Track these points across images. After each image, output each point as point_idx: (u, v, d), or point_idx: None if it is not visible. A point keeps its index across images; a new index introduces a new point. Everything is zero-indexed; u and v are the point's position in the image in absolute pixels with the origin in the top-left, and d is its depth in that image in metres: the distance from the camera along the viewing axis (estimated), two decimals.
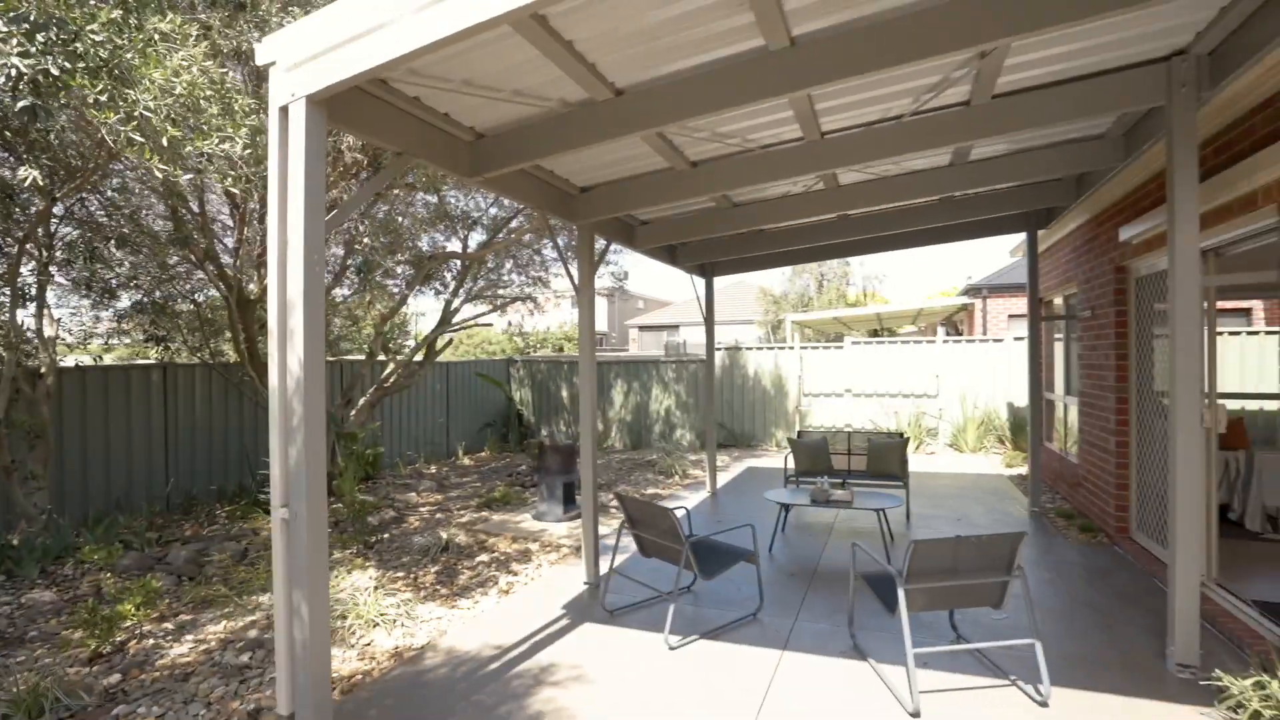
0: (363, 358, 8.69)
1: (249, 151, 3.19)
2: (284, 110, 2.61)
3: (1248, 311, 11.40)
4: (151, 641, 4.07)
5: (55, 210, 5.03)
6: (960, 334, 16.18)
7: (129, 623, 4.24)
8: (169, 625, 4.31)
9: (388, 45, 2.34)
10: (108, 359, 7.66)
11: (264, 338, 7.32)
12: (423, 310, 10.49)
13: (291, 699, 2.61)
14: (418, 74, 2.95)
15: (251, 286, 6.42)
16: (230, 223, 6.80)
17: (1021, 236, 7.45)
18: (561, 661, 3.62)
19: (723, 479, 8.72)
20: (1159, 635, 3.66)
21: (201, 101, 3.12)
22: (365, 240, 7.05)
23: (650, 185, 4.70)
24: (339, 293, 7.86)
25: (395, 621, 4.21)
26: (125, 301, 6.58)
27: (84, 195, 5.06)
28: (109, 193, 5.29)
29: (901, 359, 10.71)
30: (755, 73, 3.02)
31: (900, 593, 3.11)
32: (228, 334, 7.49)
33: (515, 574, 5.13)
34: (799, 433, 7.17)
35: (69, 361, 7.00)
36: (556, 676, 3.45)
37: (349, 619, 4.15)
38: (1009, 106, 3.68)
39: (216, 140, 3.03)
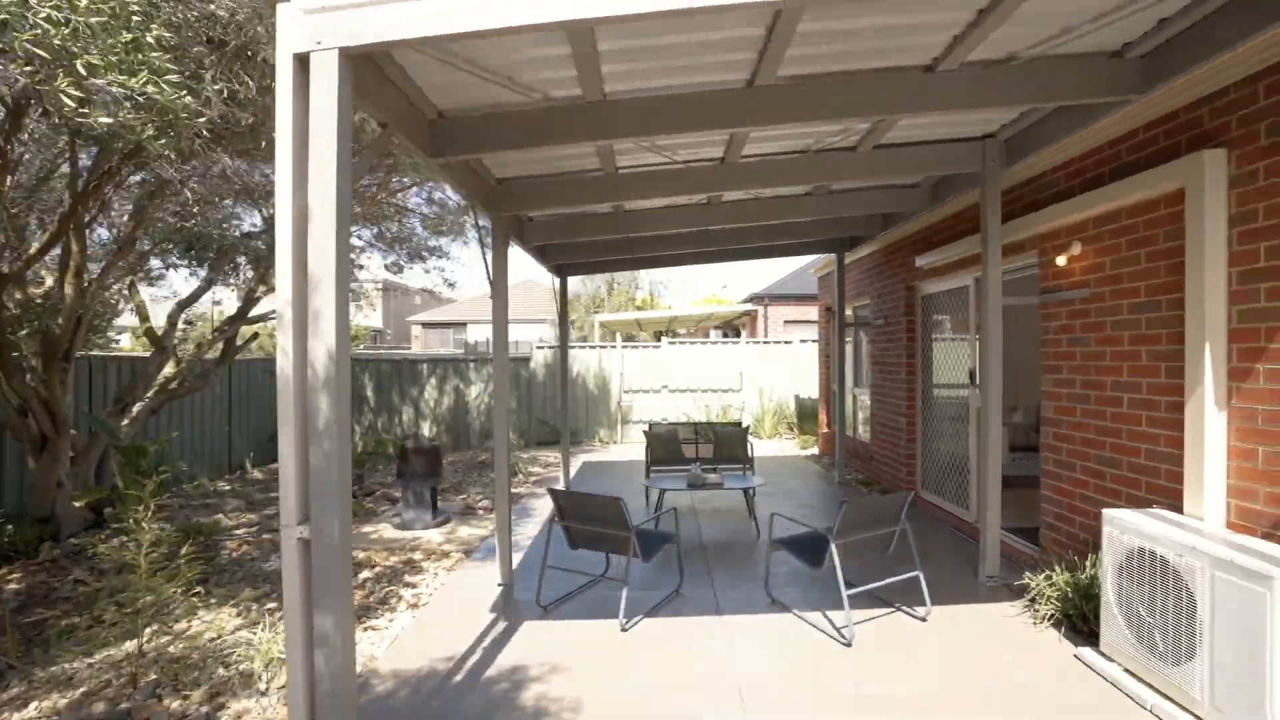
0: (138, 354, 6.98)
1: (183, 101, 2.55)
2: (302, 59, 2.24)
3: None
4: None
5: None
6: (740, 336, 18.59)
7: None
8: None
9: (462, 17, 2.20)
10: None
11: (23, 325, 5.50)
12: (218, 299, 8.69)
13: None
14: (428, 44, 2.72)
15: None
16: None
17: (817, 256, 9.05)
18: (527, 660, 3.57)
19: (560, 474, 8.91)
20: (964, 561, 4.96)
21: (99, 20, 2.44)
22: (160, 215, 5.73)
23: (570, 185, 4.80)
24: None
25: None
26: None
27: None
28: None
29: (711, 358, 12.07)
30: (734, 103, 3.42)
31: (833, 547, 3.78)
32: None
33: (414, 586, 4.76)
34: (650, 425, 7.74)
35: None
36: (532, 673, 3.42)
37: (250, 662, 3.50)
38: (882, 156, 4.65)
39: (142, 81, 2.38)
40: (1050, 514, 4.55)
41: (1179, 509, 3.41)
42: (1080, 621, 3.70)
